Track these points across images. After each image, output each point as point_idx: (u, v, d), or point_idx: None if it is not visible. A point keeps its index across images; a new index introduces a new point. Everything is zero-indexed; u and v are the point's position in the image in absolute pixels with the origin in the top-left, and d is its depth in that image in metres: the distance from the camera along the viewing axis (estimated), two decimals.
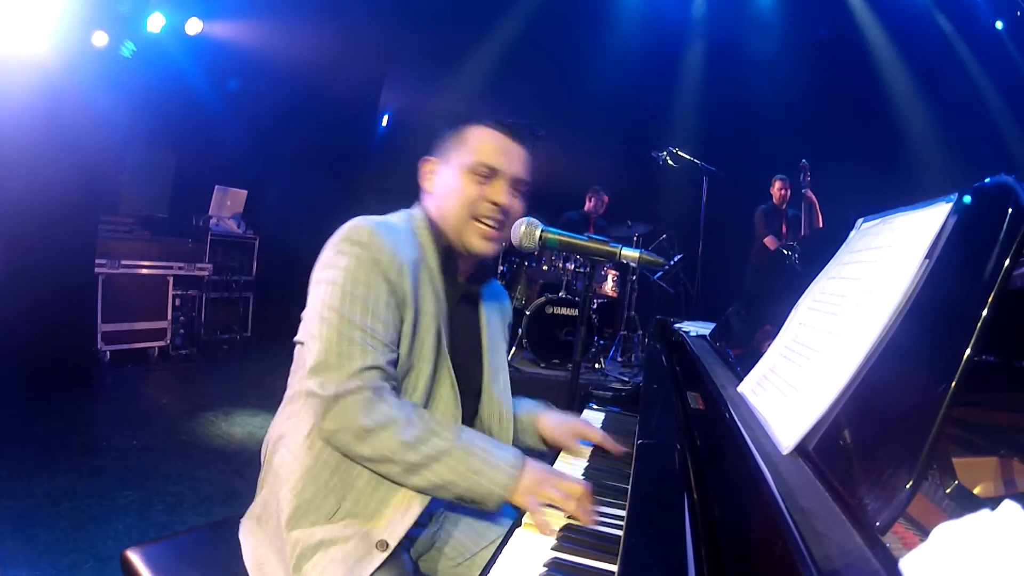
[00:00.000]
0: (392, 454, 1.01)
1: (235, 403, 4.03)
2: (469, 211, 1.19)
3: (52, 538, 2.25)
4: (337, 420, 1.01)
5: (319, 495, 1.07)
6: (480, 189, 1.19)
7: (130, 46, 4.75)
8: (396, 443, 1.01)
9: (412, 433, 1.02)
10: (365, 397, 1.01)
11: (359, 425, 1.00)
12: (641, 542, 0.75)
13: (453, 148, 1.22)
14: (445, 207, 1.21)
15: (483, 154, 1.18)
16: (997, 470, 0.77)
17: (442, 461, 1.02)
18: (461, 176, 1.19)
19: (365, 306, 1.06)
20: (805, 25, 7.00)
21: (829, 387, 0.75)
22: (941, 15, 6.68)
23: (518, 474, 1.03)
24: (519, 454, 1.08)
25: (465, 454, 1.03)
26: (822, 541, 0.54)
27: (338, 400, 1.01)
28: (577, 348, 1.51)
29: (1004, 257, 0.59)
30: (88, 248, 4.30)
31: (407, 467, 1.02)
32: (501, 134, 1.21)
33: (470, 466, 1.02)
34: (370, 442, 1.01)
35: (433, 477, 1.02)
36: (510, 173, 1.20)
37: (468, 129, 1.22)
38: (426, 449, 1.01)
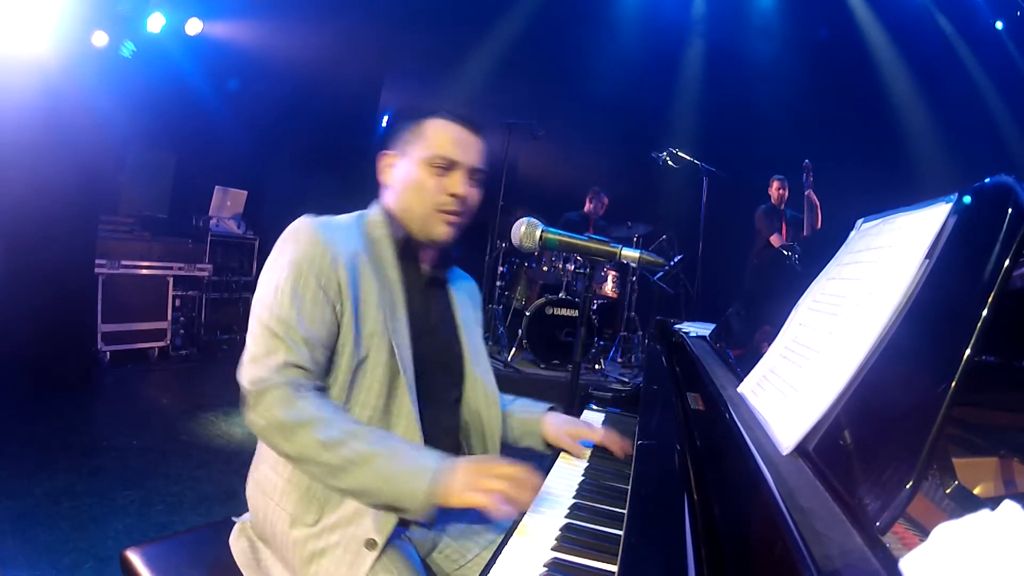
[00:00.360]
0: (312, 454, 1.00)
1: (235, 403, 3.99)
2: (431, 203, 1.20)
3: (52, 538, 2.25)
4: (259, 413, 1.01)
5: (302, 504, 1.09)
6: (439, 181, 1.20)
7: (130, 46, 4.75)
8: (313, 442, 0.99)
9: (330, 434, 1.00)
10: (284, 392, 1.01)
11: (279, 420, 1.00)
12: (641, 542, 0.75)
13: (411, 141, 1.23)
14: (405, 200, 1.22)
15: (441, 146, 1.20)
16: (997, 470, 0.77)
17: (361, 465, 0.99)
18: (420, 169, 1.20)
19: (292, 302, 1.06)
20: (805, 25, 7.01)
21: (829, 387, 0.75)
22: (941, 15, 6.68)
23: (441, 476, 0.98)
24: (441, 456, 1.02)
25: (384, 459, 1.00)
26: (822, 541, 0.54)
27: (260, 394, 1.01)
28: (577, 349, 1.51)
29: (1004, 257, 0.59)
30: (88, 248, 4.30)
31: (328, 469, 1.00)
32: (457, 125, 1.23)
33: (390, 471, 0.99)
34: (291, 439, 1.00)
35: (354, 482, 1.00)
36: (467, 164, 1.21)
37: (425, 122, 1.23)
38: (344, 452, 0.99)
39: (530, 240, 1.38)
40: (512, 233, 1.41)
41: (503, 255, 5.36)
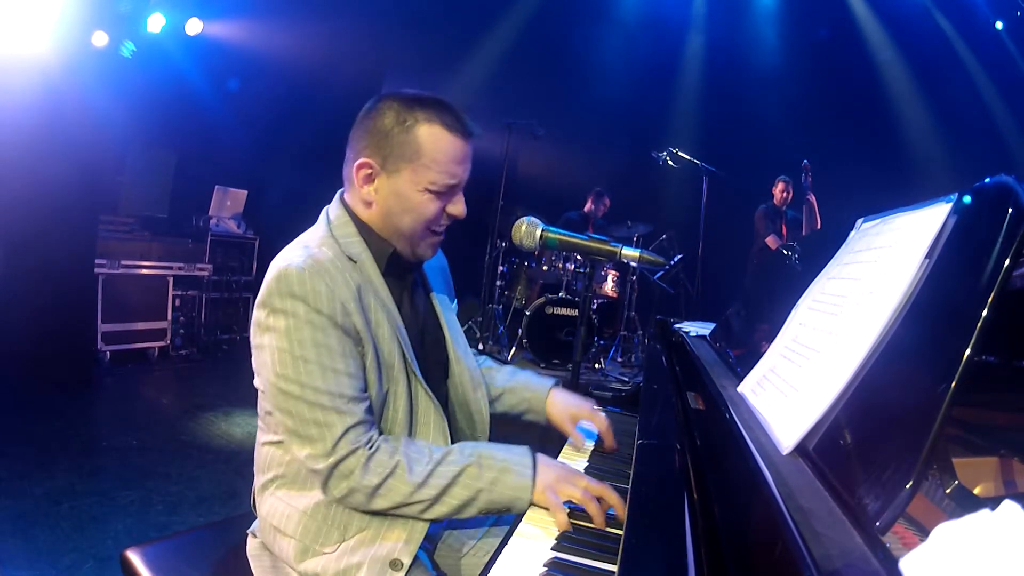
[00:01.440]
0: (407, 499, 1.00)
1: (235, 403, 4.03)
2: (428, 228, 1.11)
3: (52, 538, 2.25)
4: (341, 487, 0.99)
5: (322, 530, 1.06)
6: (439, 205, 1.09)
7: (130, 46, 4.75)
8: (408, 488, 0.99)
9: (419, 472, 1.00)
10: (360, 457, 0.99)
11: (364, 485, 0.99)
12: (641, 542, 0.75)
13: (400, 155, 1.05)
14: (398, 222, 1.09)
15: (446, 170, 1.06)
16: (997, 470, 0.77)
17: (457, 483, 1.00)
18: (419, 194, 1.07)
19: (322, 368, 0.99)
20: (805, 25, 7.01)
21: (829, 387, 0.75)
22: (941, 15, 6.68)
23: (533, 474, 1.01)
24: (528, 452, 1.05)
25: (478, 468, 1.01)
26: (822, 541, 0.54)
27: (335, 469, 0.98)
28: (577, 348, 1.51)
29: (1004, 257, 0.59)
30: (88, 248, 4.30)
31: (426, 504, 1.00)
32: (455, 137, 1.06)
33: (486, 479, 1.01)
34: (382, 496, 1.00)
35: (454, 502, 1.01)
36: (465, 179, 1.11)
37: (416, 129, 1.05)
38: (438, 480, 1.00)
39: (530, 239, 1.38)
40: (512, 233, 1.41)
41: (503, 255, 5.36)
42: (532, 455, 1.04)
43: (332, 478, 0.99)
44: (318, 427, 0.98)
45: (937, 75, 6.67)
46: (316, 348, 0.99)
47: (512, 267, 5.38)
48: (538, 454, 1.06)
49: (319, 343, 0.99)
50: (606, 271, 5.34)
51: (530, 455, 1.04)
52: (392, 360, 1.09)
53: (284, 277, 1.00)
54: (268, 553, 1.14)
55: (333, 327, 1.01)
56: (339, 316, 1.01)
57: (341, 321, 1.01)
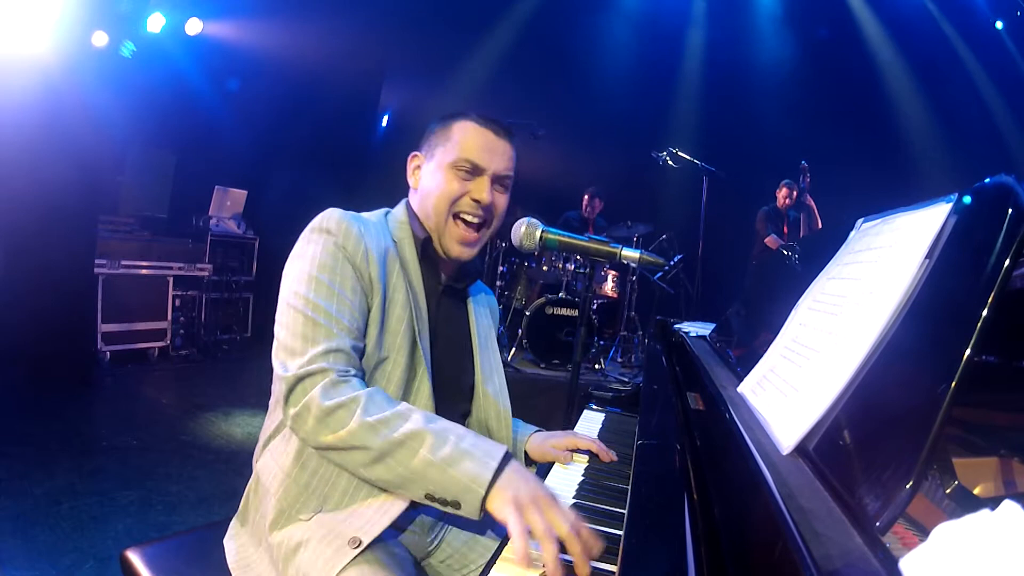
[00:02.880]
0: (352, 437, 0.91)
1: (235, 403, 4.03)
2: (450, 208, 1.18)
3: (52, 538, 2.25)
4: (298, 401, 0.96)
5: (300, 497, 1.06)
6: (463, 185, 1.18)
7: (130, 46, 4.75)
8: (355, 425, 0.91)
9: (376, 414, 0.92)
10: (327, 378, 0.96)
11: (317, 406, 0.93)
12: (641, 542, 0.75)
13: (438, 143, 1.21)
14: (428, 203, 1.20)
15: (467, 150, 1.17)
16: (997, 470, 0.77)
17: (408, 446, 0.90)
18: (444, 172, 1.18)
19: (331, 290, 1.04)
20: (805, 25, 7.01)
21: (829, 387, 0.75)
22: (941, 15, 6.69)
23: (496, 471, 0.87)
24: (504, 450, 0.91)
25: (435, 439, 0.90)
26: (822, 541, 0.54)
27: (300, 380, 0.96)
28: (577, 349, 1.51)
29: (1004, 257, 0.59)
30: (88, 248, 4.30)
31: (369, 454, 0.91)
32: (485, 129, 1.20)
33: (440, 455, 0.88)
34: (329, 425, 0.93)
35: (398, 467, 0.90)
36: (493, 170, 1.19)
37: (453, 124, 1.21)
38: (388, 432, 0.91)
39: (530, 240, 1.38)
40: (512, 233, 1.41)
41: (503, 255, 5.36)
42: (506, 455, 0.91)
43: (294, 391, 0.97)
44: (304, 341, 1.01)
45: (937, 75, 6.68)
46: (331, 273, 1.06)
47: (512, 267, 5.39)
48: (516, 462, 0.92)
49: (335, 271, 1.06)
50: (606, 271, 5.34)
51: (503, 453, 0.90)
52: (398, 328, 1.12)
53: (326, 215, 1.12)
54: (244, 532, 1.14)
55: (352, 265, 1.08)
56: (359, 258, 1.09)
57: (360, 263, 1.09)
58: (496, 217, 1.23)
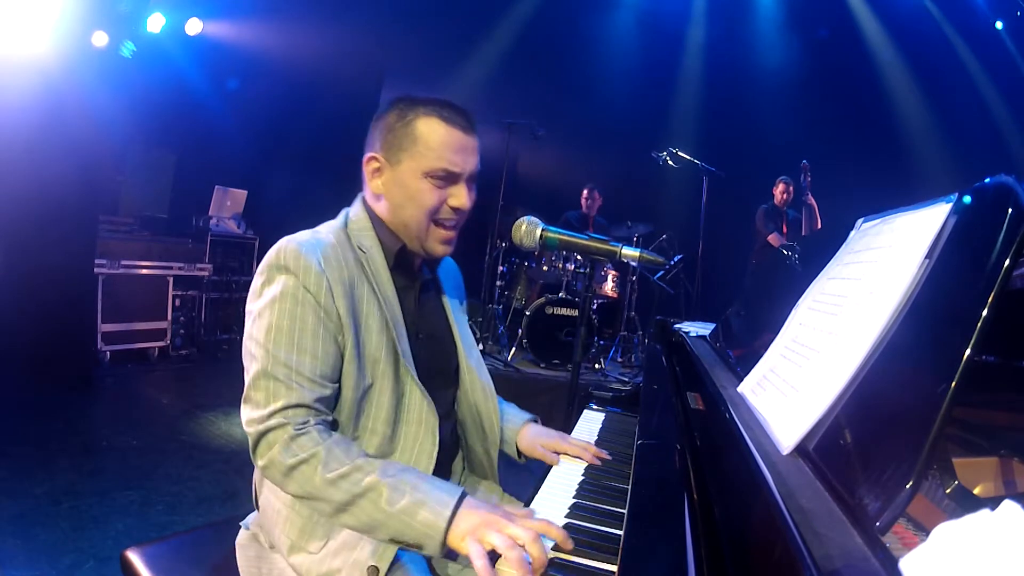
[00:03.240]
0: (316, 491, 0.95)
1: (235, 403, 3.97)
2: (430, 218, 1.13)
3: (52, 538, 2.25)
4: (264, 457, 0.98)
5: (307, 529, 1.07)
6: (440, 193, 1.12)
7: (130, 46, 4.76)
8: (318, 479, 0.95)
9: (334, 469, 0.95)
10: (285, 434, 0.97)
11: (281, 462, 0.96)
12: (641, 542, 0.75)
13: (401, 146, 1.11)
14: (403, 214, 1.13)
15: (441, 157, 1.10)
16: (997, 470, 0.77)
17: (367, 498, 0.94)
18: (419, 182, 1.10)
19: (291, 340, 1.01)
20: (805, 25, 7.01)
21: (829, 387, 0.75)
22: (941, 15, 6.69)
23: (450, 514, 0.90)
24: (455, 491, 0.94)
25: (392, 491, 0.93)
26: (822, 541, 0.54)
27: (262, 436, 0.98)
28: (577, 349, 1.51)
29: (1004, 257, 0.59)
30: (88, 248, 4.30)
31: (334, 505, 0.95)
32: (453, 128, 1.11)
33: (398, 506, 0.92)
34: (294, 479, 0.96)
35: (362, 515, 0.94)
36: (467, 171, 1.13)
37: (416, 122, 1.10)
38: (348, 486, 0.94)
39: (530, 239, 1.38)
40: (512, 232, 1.41)
41: (503, 255, 5.35)
42: (460, 497, 0.93)
43: (259, 446, 0.99)
44: (264, 393, 1.00)
45: (937, 75, 6.68)
46: (291, 320, 1.02)
47: (512, 267, 5.38)
48: (468, 498, 0.94)
49: (295, 317, 1.02)
50: (606, 271, 5.34)
51: (457, 497, 0.93)
52: (378, 354, 1.09)
53: (282, 250, 1.06)
54: (255, 543, 1.15)
55: (315, 306, 1.03)
56: (323, 297, 1.04)
57: (324, 302, 1.04)
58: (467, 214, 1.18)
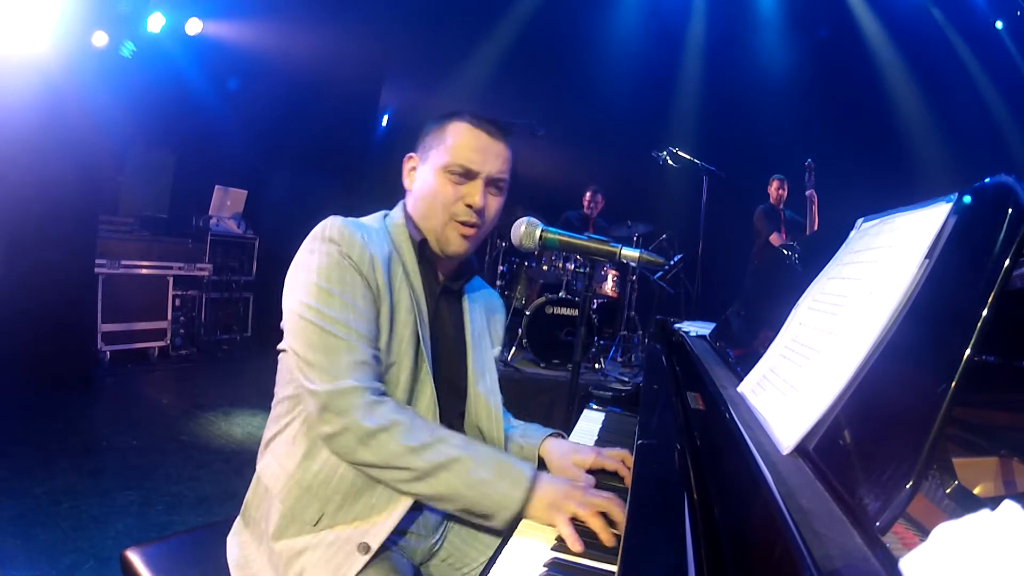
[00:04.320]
0: (397, 460, 0.97)
1: (235, 403, 4.03)
2: (447, 212, 1.16)
3: (52, 538, 2.25)
4: (337, 421, 0.98)
5: (301, 501, 1.06)
6: (456, 189, 1.16)
7: (130, 46, 4.76)
8: (401, 448, 0.97)
9: (418, 438, 0.98)
10: (365, 398, 0.99)
11: (361, 428, 0.97)
12: (641, 542, 0.75)
13: (432, 145, 1.19)
14: (423, 206, 1.18)
15: (459, 154, 1.15)
16: (997, 470, 0.77)
17: (450, 469, 0.98)
18: (437, 175, 1.16)
19: (344, 301, 1.04)
20: (805, 25, 7.01)
21: (829, 387, 0.75)
22: (941, 15, 6.68)
23: (529, 488, 0.97)
24: (533, 467, 1.03)
25: (475, 463, 0.98)
26: (822, 541, 0.54)
27: (334, 398, 0.98)
28: (577, 348, 1.51)
29: (1004, 257, 0.59)
30: (88, 248, 4.30)
31: (413, 474, 0.98)
32: (479, 131, 1.17)
33: (480, 476, 0.97)
34: (373, 446, 0.97)
35: (440, 486, 0.98)
36: (486, 173, 1.16)
37: (448, 124, 1.18)
38: (433, 455, 0.98)
39: (530, 240, 1.38)
40: (512, 233, 1.41)
41: (503, 255, 5.36)
42: (533, 471, 1.01)
43: (328, 410, 0.99)
44: (326, 353, 1.01)
45: (937, 75, 6.68)
46: (342, 284, 1.05)
47: (512, 267, 5.38)
48: (540, 472, 1.03)
49: (345, 281, 1.06)
50: (606, 271, 5.34)
51: (531, 471, 1.01)
52: (404, 332, 1.12)
53: (328, 224, 1.10)
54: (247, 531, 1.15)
55: (360, 274, 1.07)
56: (366, 267, 1.08)
57: (367, 271, 1.08)
58: (489, 220, 1.21)
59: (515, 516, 0.97)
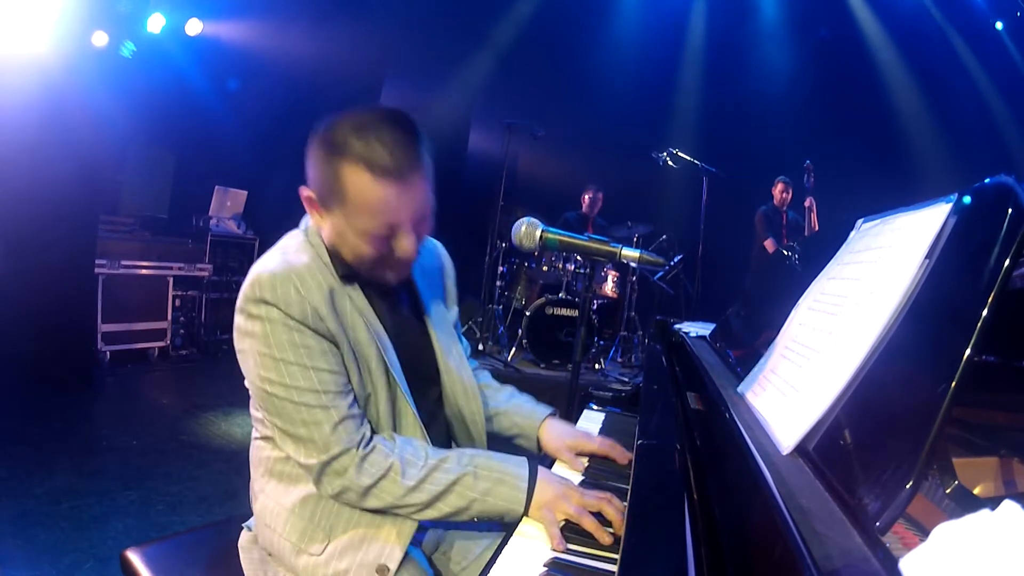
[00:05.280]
0: (399, 500, 1.01)
1: (235, 403, 4.03)
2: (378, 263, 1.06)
3: (52, 538, 2.25)
4: (335, 485, 1.01)
5: (307, 532, 1.07)
6: (381, 246, 1.03)
7: (130, 46, 4.76)
8: (401, 490, 1.00)
9: (413, 475, 1.01)
10: (356, 456, 1.00)
11: (358, 485, 1.00)
12: (641, 542, 0.75)
13: (333, 195, 1.01)
14: (349, 256, 1.06)
15: (376, 217, 0.99)
16: (997, 470, 0.77)
17: (452, 491, 1.02)
18: (355, 238, 1.02)
19: (303, 367, 1.00)
20: (805, 25, 7.01)
21: (829, 387, 0.75)
22: (941, 15, 6.68)
23: (530, 487, 1.01)
24: (526, 463, 1.05)
25: (472, 478, 1.02)
26: (822, 541, 0.54)
27: (327, 467, 1.00)
28: (577, 349, 1.51)
29: (1004, 257, 0.59)
30: (88, 248, 4.30)
31: (419, 507, 1.02)
32: (387, 183, 0.97)
33: (481, 488, 1.02)
34: (375, 496, 1.01)
35: (445, 508, 1.02)
36: (412, 216, 1.02)
37: (343, 172, 0.98)
38: (431, 487, 1.01)
39: (530, 240, 1.38)
40: (512, 233, 1.41)
41: (503, 255, 5.36)
42: (531, 468, 1.04)
43: (325, 475, 1.01)
44: (306, 426, 1.00)
45: (937, 75, 6.68)
46: (294, 349, 1.00)
47: (512, 267, 5.38)
48: (538, 467, 1.05)
49: (296, 344, 1.00)
50: (606, 271, 5.34)
51: (528, 468, 1.04)
52: (370, 363, 1.09)
53: (256, 283, 1.01)
54: (257, 547, 1.16)
55: (307, 329, 1.01)
56: (311, 320, 1.01)
57: (314, 325, 1.01)
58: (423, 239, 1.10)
59: (520, 517, 1.00)
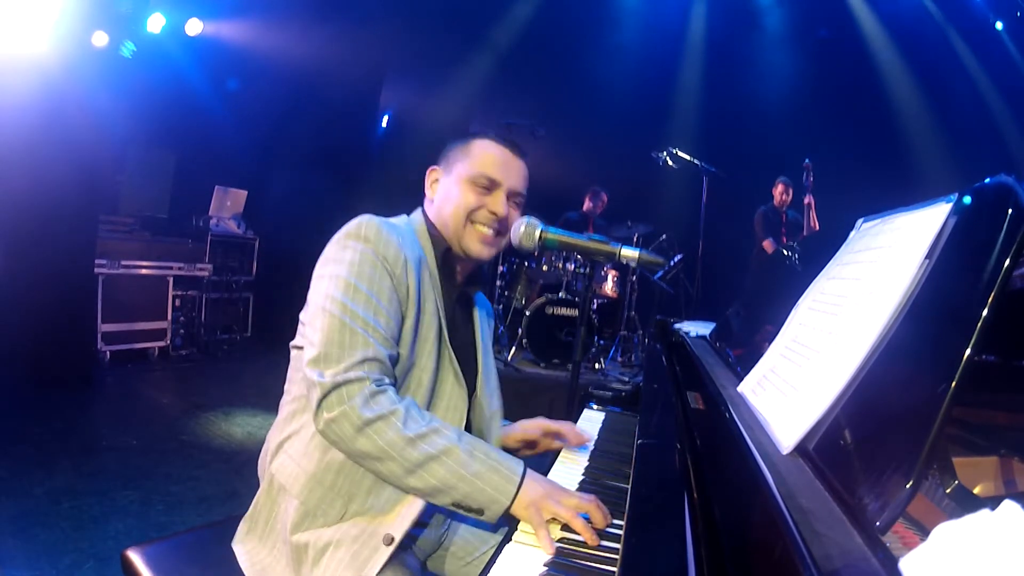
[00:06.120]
0: (391, 448, 0.97)
1: (235, 403, 4.03)
2: (467, 217, 1.23)
3: (52, 538, 2.25)
4: (335, 408, 0.97)
5: (326, 499, 1.07)
6: (480, 198, 1.23)
7: (130, 46, 4.76)
8: (396, 437, 0.97)
9: (413, 428, 0.99)
10: (366, 387, 0.99)
11: (358, 415, 0.97)
12: (641, 542, 0.75)
13: (457, 160, 1.26)
14: (445, 212, 1.24)
15: (485, 166, 1.23)
16: (997, 470, 0.77)
17: (442, 461, 0.98)
18: (462, 185, 1.23)
19: (368, 299, 1.06)
20: (805, 25, 7.01)
21: (829, 387, 0.75)
22: (941, 15, 6.68)
23: (519, 482, 0.99)
24: (521, 463, 1.04)
25: (467, 456, 1.00)
26: (822, 541, 0.54)
27: (337, 388, 0.98)
28: (577, 348, 1.51)
29: (1004, 257, 0.59)
30: (88, 248, 4.30)
31: (406, 465, 0.98)
32: (503, 147, 1.26)
33: (472, 469, 0.99)
34: (368, 434, 0.97)
35: (431, 479, 0.98)
36: (508, 185, 1.24)
37: (473, 141, 1.27)
38: (426, 446, 0.98)
39: (530, 240, 1.37)
40: (512, 233, 1.40)
41: (503, 255, 5.35)
42: (524, 467, 1.04)
43: (329, 396, 0.98)
44: (341, 347, 1.02)
45: (937, 75, 6.67)
46: (371, 282, 1.07)
47: (512, 267, 5.38)
48: (529, 470, 1.04)
49: (375, 280, 1.08)
50: (606, 271, 5.34)
51: (522, 466, 1.03)
52: (428, 334, 1.15)
53: (364, 223, 1.12)
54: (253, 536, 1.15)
55: (390, 275, 1.10)
56: (399, 269, 1.11)
57: (399, 273, 1.11)
58: (508, 231, 1.29)
59: (506, 510, 0.98)
